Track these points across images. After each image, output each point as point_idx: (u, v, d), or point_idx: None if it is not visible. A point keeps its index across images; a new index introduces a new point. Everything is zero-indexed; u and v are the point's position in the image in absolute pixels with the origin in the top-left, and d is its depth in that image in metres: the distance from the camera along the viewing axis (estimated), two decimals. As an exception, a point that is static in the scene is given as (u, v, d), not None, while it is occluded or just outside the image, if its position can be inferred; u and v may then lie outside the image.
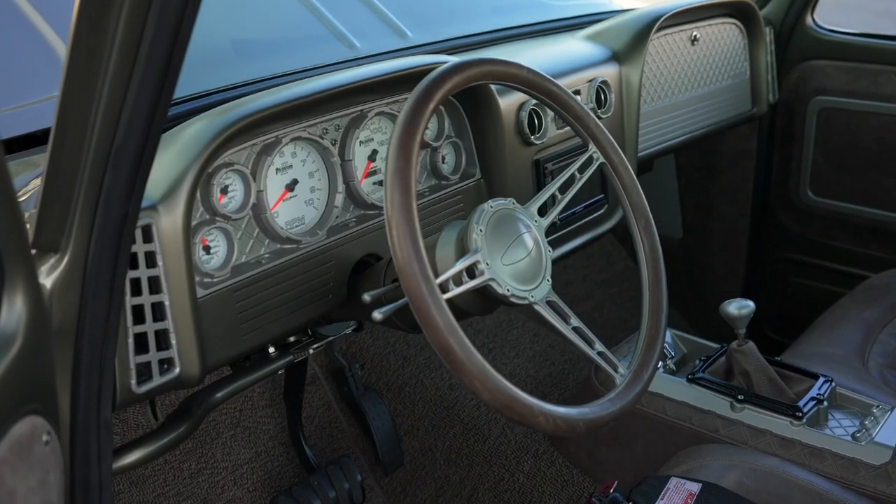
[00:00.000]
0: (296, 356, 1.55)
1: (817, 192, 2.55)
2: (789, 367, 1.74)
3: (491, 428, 1.99)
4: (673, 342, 1.87)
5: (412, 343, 2.14)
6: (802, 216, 2.61)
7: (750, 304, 1.69)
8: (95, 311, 1.06)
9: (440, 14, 2.23)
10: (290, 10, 1.91)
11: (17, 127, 1.39)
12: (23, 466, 0.83)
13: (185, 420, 1.41)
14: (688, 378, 1.72)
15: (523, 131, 1.69)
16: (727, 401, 1.66)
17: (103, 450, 1.13)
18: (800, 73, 2.48)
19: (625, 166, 1.40)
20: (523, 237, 1.25)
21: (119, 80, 0.94)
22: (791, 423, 1.59)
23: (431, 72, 1.19)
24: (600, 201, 1.93)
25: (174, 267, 1.17)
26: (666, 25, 2.10)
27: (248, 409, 1.94)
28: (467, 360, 1.07)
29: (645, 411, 1.73)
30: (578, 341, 1.26)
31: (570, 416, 1.15)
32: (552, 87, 1.34)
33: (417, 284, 1.06)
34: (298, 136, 1.36)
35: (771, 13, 2.48)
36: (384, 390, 2.08)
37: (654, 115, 2.10)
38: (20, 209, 0.82)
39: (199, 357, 1.21)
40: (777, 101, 2.52)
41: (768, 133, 2.59)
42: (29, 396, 0.86)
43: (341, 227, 1.44)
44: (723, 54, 2.31)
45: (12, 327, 0.83)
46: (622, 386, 1.26)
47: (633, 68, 1.99)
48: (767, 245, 2.73)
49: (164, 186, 1.17)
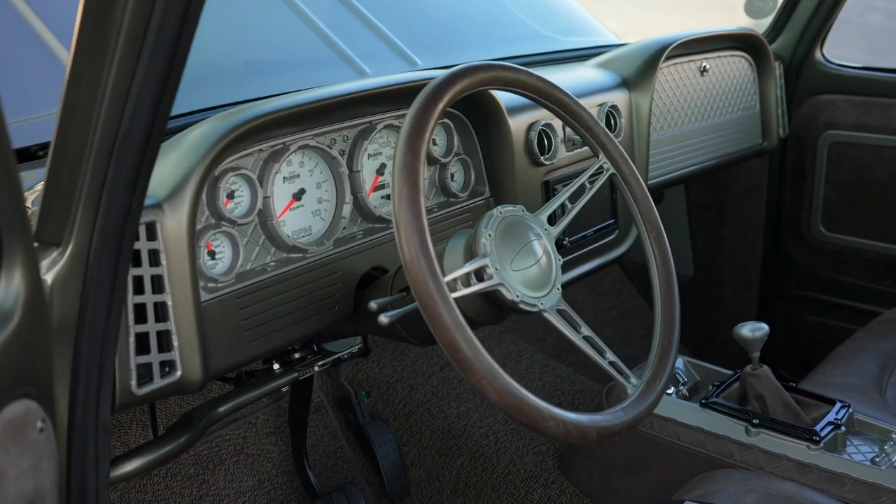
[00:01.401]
0: (301, 373, 1.53)
1: (829, 227, 2.53)
2: (805, 393, 1.70)
3: (499, 457, 1.95)
4: (685, 368, 1.84)
5: (420, 372, 2.10)
6: (815, 252, 2.58)
7: (764, 326, 1.66)
8: (97, 306, 1.04)
9: (450, 43, 2.25)
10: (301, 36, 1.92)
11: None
12: (14, 448, 0.80)
13: (186, 431, 1.38)
14: (701, 403, 1.68)
15: (533, 151, 1.68)
16: (742, 425, 1.62)
17: (101, 453, 1.10)
18: (810, 107, 2.48)
19: (635, 178, 1.38)
20: (533, 244, 1.23)
21: (125, 68, 0.93)
22: (808, 448, 1.55)
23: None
24: (611, 226, 1.91)
25: (178, 267, 1.16)
26: (675, 55, 2.10)
27: (251, 436, 1.91)
28: (475, 358, 1.04)
29: (657, 437, 1.69)
30: (590, 350, 1.23)
31: (582, 422, 1.12)
32: (561, 96, 1.33)
33: (425, 280, 1.04)
34: (306, 144, 1.35)
35: (780, 48, 2.48)
36: (391, 418, 2.04)
37: (665, 144, 2.10)
38: (20, 184, 0.81)
39: (202, 361, 1.19)
40: (787, 135, 2.51)
41: (779, 168, 2.58)
42: (24, 378, 0.84)
43: (348, 239, 1.43)
44: (732, 86, 2.32)
45: (9, 304, 0.81)
46: (635, 395, 1.23)
47: (642, 95, 1.99)
48: (780, 282, 2.70)
49: (169, 186, 1.16)
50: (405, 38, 2.08)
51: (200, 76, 1.61)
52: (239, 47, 1.83)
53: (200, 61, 1.40)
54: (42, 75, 1.54)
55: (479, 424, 2.01)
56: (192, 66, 0.96)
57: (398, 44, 2.07)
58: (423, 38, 2.10)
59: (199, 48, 0.96)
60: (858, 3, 6.32)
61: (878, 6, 7.47)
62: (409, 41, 2.07)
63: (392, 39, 2.07)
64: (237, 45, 1.83)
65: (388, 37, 2.09)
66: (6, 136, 0.78)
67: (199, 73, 1.57)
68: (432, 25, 2.22)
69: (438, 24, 2.25)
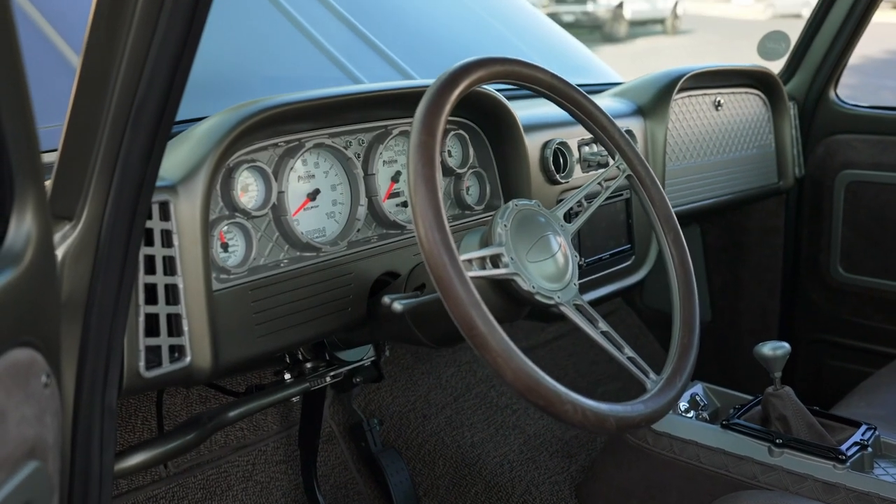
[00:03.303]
0: (312, 384, 1.50)
1: (849, 268, 2.50)
2: (830, 416, 1.66)
3: (515, 486, 1.90)
4: (705, 394, 1.79)
5: (433, 403, 2.06)
6: (834, 294, 2.54)
7: (785, 345, 1.63)
8: (107, 281, 1.03)
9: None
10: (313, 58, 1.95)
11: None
12: (17, 393, 0.78)
13: (193, 430, 1.35)
14: (722, 424, 1.63)
15: (548, 168, 1.68)
16: (765, 446, 1.57)
17: (106, 437, 1.08)
18: (826, 147, 2.48)
19: (652, 179, 1.37)
20: (549, 237, 1.22)
21: (143, 34, 0.94)
22: (834, 467, 1.50)
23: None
24: (627, 251, 1.90)
25: (190, 251, 1.15)
26: (689, 87, 2.12)
27: (261, 463, 1.86)
28: (490, 335, 1.02)
29: (677, 460, 1.64)
30: (608, 345, 1.21)
31: (601, 410, 1.09)
32: (577, 96, 1.33)
33: (440, 254, 1.02)
34: (322, 142, 1.36)
35: (794, 89, 2.49)
36: (403, 448, 1.99)
37: (680, 175, 2.09)
38: (34, 125, 0.80)
39: (212, 350, 1.17)
40: (803, 175, 2.50)
41: (796, 209, 2.56)
42: (29, 325, 0.82)
43: (362, 242, 1.42)
44: (747, 123, 2.32)
45: (20, 246, 0.79)
46: (655, 390, 1.19)
47: (657, 124, 2.00)
48: (799, 326, 2.65)
49: (183, 170, 1.16)
50: (419, 68, 2.10)
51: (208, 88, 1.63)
52: (251, 62, 1.86)
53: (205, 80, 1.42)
54: (53, 83, 1.55)
55: (494, 454, 1.96)
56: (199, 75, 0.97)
57: (408, 70, 2.10)
58: (435, 68, 2.13)
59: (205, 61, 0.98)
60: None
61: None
62: (421, 69, 2.09)
63: (403, 67, 2.10)
64: (249, 61, 1.86)
65: (397, 63, 2.11)
66: (23, 75, 0.78)
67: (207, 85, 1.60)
68: (450, 60, 2.27)
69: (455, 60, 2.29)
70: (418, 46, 2.25)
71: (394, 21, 2.33)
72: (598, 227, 1.82)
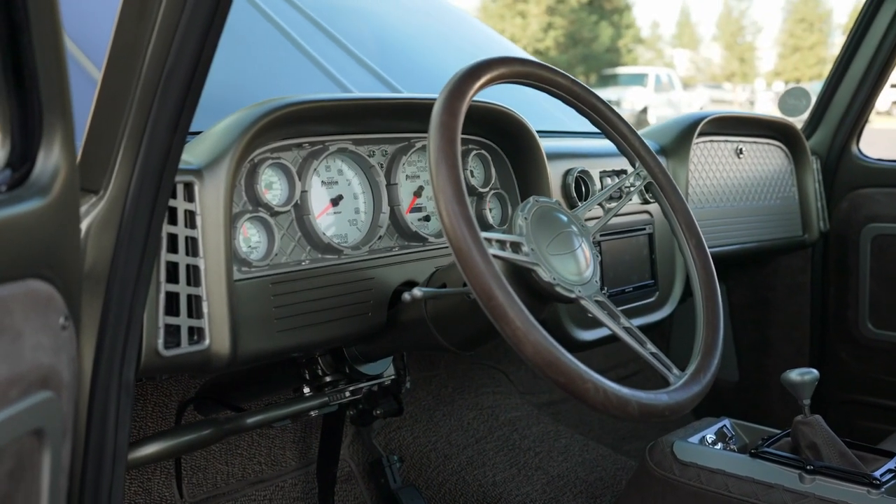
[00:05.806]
0: (331, 399, 1.48)
1: (878, 324, 2.46)
2: (862, 447, 1.61)
3: (537, 524, 1.84)
4: (733, 429, 1.75)
5: (454, 443, 2.02)
6: (864, 352, 2.50)
7: (814, 371, 1.60)
8: (130, 254, 1.04)
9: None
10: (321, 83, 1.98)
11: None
12: (35, 319, 0.78)
13: (209, 427, 1.33)
14: (751, 453, 1.59)
15: (570, 195, 1.69)
16: (795, 473, 1.52)
17: (122, 416, 1.07)
18: (850, 201, 2.47)
19: (672, 187, 1.37)
20: (570, 234, 1.21)
21: (175, 3, 0.97)
22: (868, 493, 1.45)
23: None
24: (650, 286, 1.88)
25: (213, 235, 1.15)
26: (710, 132, 2.14)
27: (278, 499, 1.83)
28: (510, 307, 1.01)
29: (705, 490, 1.59)
30: (630, 340, 1.19)
31: (623, 393, 1.06)
32: (596, 102, 1.34)
33: (460, 226, 1.02)
34: (345, 148, 1.37)
35: (816, 144, 2.51)
36: (423, 487, 1.94)
37: (703, 218, 2.09)
38: (65, 61, 0.83)
39: (231, 337, 1.17)
40: (828, 230, 2.49)
41: (822, 264, 2.54)
42: (50, 260, 0.83)
43: (384, 250, 1.42)
44: (769, 173, 2.33)
45: (46, 179, 0.81)
46: (679, 384, 1.17)
47: (679, 165, 2.01)
48: (829, 386, 2.59)
49: (207, 157, 1.18)
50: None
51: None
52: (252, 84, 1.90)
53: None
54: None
55: (517, 493, 1.91)
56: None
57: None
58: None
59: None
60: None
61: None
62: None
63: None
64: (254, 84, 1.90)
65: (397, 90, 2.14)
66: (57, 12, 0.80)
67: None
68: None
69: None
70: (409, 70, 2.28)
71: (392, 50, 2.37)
72: (621, 259, 1.82)
